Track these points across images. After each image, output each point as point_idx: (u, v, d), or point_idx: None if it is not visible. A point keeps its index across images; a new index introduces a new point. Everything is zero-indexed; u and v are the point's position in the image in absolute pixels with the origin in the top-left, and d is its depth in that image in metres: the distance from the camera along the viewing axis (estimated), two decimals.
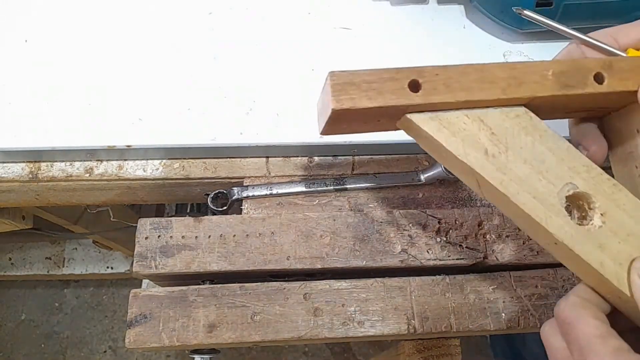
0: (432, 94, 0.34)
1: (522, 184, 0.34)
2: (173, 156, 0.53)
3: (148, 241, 0.48)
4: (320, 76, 0.53)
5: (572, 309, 0.34)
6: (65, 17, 0.56)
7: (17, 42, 0.54)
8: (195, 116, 0.52)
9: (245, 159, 0.53)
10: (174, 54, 0.54)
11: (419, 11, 0.57)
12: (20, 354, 1.48)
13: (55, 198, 0.56)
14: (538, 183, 0.34)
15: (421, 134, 0.35)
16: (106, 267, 1.36)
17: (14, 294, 1.54)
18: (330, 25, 0.56)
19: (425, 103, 0.34)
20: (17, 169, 0.53)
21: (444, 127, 0.35)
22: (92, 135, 0.51)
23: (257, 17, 0.57)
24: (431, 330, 0.46)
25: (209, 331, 0.46)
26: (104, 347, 1.49)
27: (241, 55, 0.55)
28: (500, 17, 0.54)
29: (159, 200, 0.59)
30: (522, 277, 0.48)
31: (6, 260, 1.36)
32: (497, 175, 0.34)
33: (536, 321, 0.47)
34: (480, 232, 0.49)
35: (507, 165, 0.34)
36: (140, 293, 0.47)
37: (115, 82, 0.53)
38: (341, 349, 1.48)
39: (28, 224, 0.79)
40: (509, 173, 0.34)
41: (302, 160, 0.53)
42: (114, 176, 0.52)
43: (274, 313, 0.46)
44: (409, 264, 0.48)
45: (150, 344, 0.45)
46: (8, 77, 0.53)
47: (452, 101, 0.34)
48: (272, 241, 0.48)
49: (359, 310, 0.47)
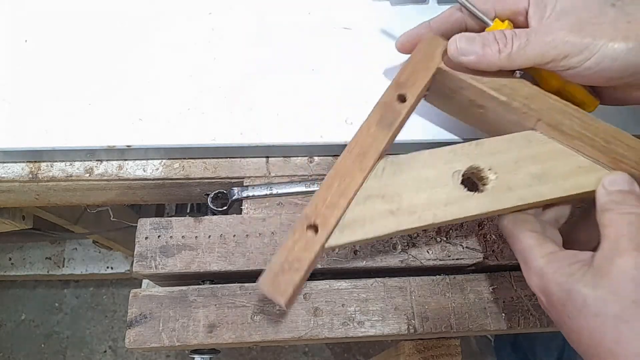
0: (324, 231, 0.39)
1: (428, 203, 0.41)
2: (173, 156, 0.53)
3: (148, 241, 0.48)
4: (320, 76, 0.53)
5: (514, 225, 0.41)
6: (65, 17, 0.56)
7: (17, 42, 0.55)
8: (195, 116, 0.52)
9: (245, 159, 0.53)
10: (174, 54, 0.54)
11: (419, 11, 0.57)
12: (20, 354, 1.48)
13: (55, 198, 0.56)
14: (436, 195, 0.41)
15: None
16: (106, 267, 1.36)
17: (14, 294, 1.54)
18: (330, 25, 0.56)
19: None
20: (17, 169, 0.53)
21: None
22: (92, 135, 0.51)
23: (257, 17, 0.57)
24: (431, 330, 0.46)
25: (209, 331, 0.46)
26: (104, 347, 1.49)
27: (241, 55, 0.55)
28: None
29: (159, 200, 0.59)
30: (522, 277, 0.48)
31: (6, 260, 1.36)
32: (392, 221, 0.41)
33: (536, 321, 0.47)
34: (480, 232, 0.49)
35: (409, 204, 0.41)
36: (140, 293, 0.47)
37: (115, 82, 0.53)
38: (341, 349, 1.48)
39: (28, 224, 0.79)
40: (405, 202, 0.41)
41: (302, 160, 0.53)
42: (114, 176, 0.52)
43: (274, 313, 0.46)
44: (409, 264, 0.48)
45: (150, 344, 0.45)
46: (8, 77, 0.53)
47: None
48: (272, 241, 0.48)
49: (359, 310, 0.47)
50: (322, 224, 0.39)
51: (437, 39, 0.45)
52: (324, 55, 0.54)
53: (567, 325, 0.37)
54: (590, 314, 0.35)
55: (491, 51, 0.40)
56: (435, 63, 0.44)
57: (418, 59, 0.44)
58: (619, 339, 0.33)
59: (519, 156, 0.42)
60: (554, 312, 0.38)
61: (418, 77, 0.43)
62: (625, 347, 0.33)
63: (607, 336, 0.34)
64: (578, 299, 0.35)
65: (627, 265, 0.35)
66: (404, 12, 0.57)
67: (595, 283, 0.35)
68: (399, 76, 0.44)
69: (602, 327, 0.34)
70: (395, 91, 0.43)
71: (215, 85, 0.53)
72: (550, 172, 0.41)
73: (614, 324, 0.34)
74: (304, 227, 0.39)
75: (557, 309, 0.38)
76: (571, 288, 0.36)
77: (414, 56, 0.44)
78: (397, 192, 0.41)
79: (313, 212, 0.39)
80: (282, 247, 0.38)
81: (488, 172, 0.42)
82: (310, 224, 0.39)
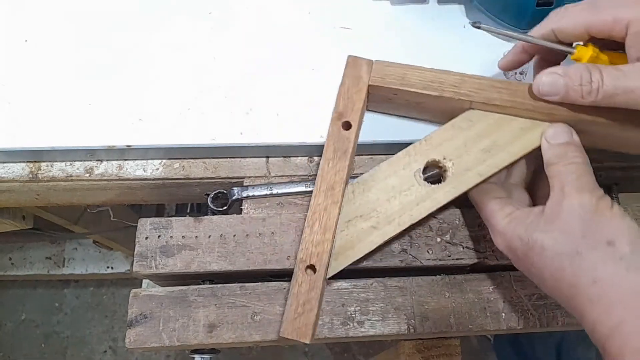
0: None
1: (402, 208, 0.45)
2: (173, 156, 0.53)
3: (148, 241, 0.48)
4: (320, 76, 0.53)
5: (478, 195, 0.45)
6: (65, 17, 0.56)
7: (17, 42, 0.55)
8: (195, 116, 0.52)
9: (245, 159, 0.53)
10: (174, 53, 0.54)
11: (419, 11, 0.57)
12: (20, 354, 1.48)
13: (55, 198, 0.56)
14: (406, 198, 0.45)
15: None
16: (106, 267, 1.36)
17: (14, 294, 1.54)
18: (330, 25, 0.56)
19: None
20: (17, 169, 0.53)
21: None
22: (92, 135, 0.51)
23: (257, 17, 0.57)
24: (431, 330, 0.46)
25: (209, 331, 0.46)
26: (104, 347, 1.49)
27: (241, 55, 0.55)
28: (501, 17, 0.54)
29: (159, 200, 0.59)
30: (522, 277, 0.48)
31: (6, 260, 1.36)
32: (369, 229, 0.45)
33: (536, 321, 0.47)
34: (481, 232, 0.49)
35: (385, 214, 0.45)
36: (140, 293, 0.47)
37: (115, 82, 0.53)
38: (341, 349, 1.48)
39: (28, 224, 0.80)
40: (382, 214, 0.45)
41: (302, 160, 0.53)
42: (114, 176, 0.52)
43: (274, 313, 0.46)
44: (409, 264, 0.48)
45: (150, 344, 0.45)
46: (8, 77, 0.53)
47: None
48: (272, 241, 0.48)
49: (359, 310, 0.47)
50: (317, 262, 0.43)
51: (357, 59, 0.48)
52: (324, 55, 0.54)
53: (533, 273, 0.41)
54: (548, 256, 0.39)
55: (574, 95, 0.41)
56: (364, 83, 0.47)
57: (348, 85, 0.47)
58: (576, 271, 0.37)
59: (465, 138, 0.46)
60: (521, 265, 0.42)
61: (354, 102, 0.47)
62: (582, 278, 0.37)
63: (566, 271, 0.38)
64: (536, 246, 0.39)
65: (573, 205, 0.39)
66: (404, 12, 0.57)
67: (548, 228, 0.39)
68: (336, 107, 0.47)
69: (561, 265, 0.38)
70: (339, 121, 0.47)
71: (215, 85, 0.53)
72: (497, 143, 0.45)
73: (570, 260, 0.38)
74: (303, 270, 0.43)
75: (523, 261, 0.41)
76: (529, 237, 0.40)
77: (344, 84, 0.48)
78: (372, 207, 0.45)
79: (306, 255, 0.43)
80: (290, 296, 0.42)
81: (444, 161, 0.45)
82: (307, 265, 0.43)
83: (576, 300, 0.37)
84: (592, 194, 0.39)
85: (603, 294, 0.36)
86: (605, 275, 0.36)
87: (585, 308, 0.37)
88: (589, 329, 0.37)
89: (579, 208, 0.38)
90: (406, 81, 0.46)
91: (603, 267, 0.36)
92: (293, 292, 0.42)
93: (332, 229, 0.44)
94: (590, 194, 0.39)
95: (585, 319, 0.37)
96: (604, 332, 0.35)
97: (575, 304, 0.37)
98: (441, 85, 0.46)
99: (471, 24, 0.46)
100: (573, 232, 0.38)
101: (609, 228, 0.38)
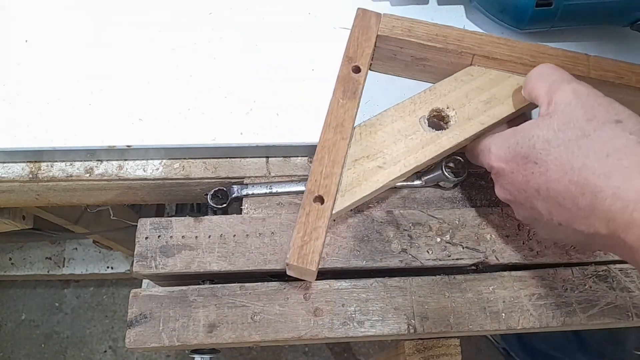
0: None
1: (407, 150, 0.47)
2: (173, 156, 0.53)
3: (148, 241, 0.48)
4: (320, 76, 0.53)
5: (473, 142, 0.48)
6: (65, 17, 0.56)
7: (17, 42, 0.55)
8: (195, 116, 0.52)
9: (245, 159, 0.53)
10: (174, 54, 0.54)
11: (419, 11, 0.57)
12: (20, 354, 1.48)
13: (55, 198, 0.56)
14: (411, 141, 0.47)
15: None
16: (106, 267, 1.36)
17: (14, 294, 1.54)
18: (330, 25, 0.56)
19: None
20: (17, 169, 0.53)
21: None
22: (92, 135, 0.51)
23: (257, 17, 0.57)
24: (431, 330, 0.46)
25: (209, 331, 0.46)
26: (104, 347, 1.49)
27: (241, 55, 0.55)
28: (500, 17, 0.54)
29: (159, 200, 0.59)
30: (522, 277, 0.48)
31: (6, 260, 1.36)
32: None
33: (536, 321, 0.47)
34: (480, 232, 0.49)
35: (392, 156, 0.47)
36: (140, 293, 0.47)
37: (115, 82, 0.53)
38: (341, 349, 1.48)
39: (28, 224, 0.79)
40: (388, 155, 0.47)
41: (302, 160, 0.53)
42: (114, 176, 0.52)
43: (274, 313, 0.46)
44: (409, 264, 0.48)
45: (150, 344, 0.45)
46: (8, 77, 0.53)
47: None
48: (272, 241, 0.48)
49: (359, 310, 0.47)
50: (326, 193, 0.44)
51: (366, 11, 0.50)
52: (324, 55, 0.54)
53: (535, 176, 0.39)
54: (554, 147, 0.38)
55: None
56: (373, 32, 0.49)
57: (357, 34, 0.50)
58: (586, 152, 0.36)
59: (467, 90, 0.49)
60: (520, 175, 0.41)
61: (364, 48, 0.49)
62: (593, 156, 0.36)
63: (575, 156, 0.37)
64: (539, 142, 0.39)
65: (567, 95, 0.39)
66: (404, 12, 0.57)
67: (549, 123, 0.39)
68: (347, 52, 0.49)
69: (567, 151, 0.37)
70: (349, 65, 0.49)
71: (215, 85, 0.53)
72: (497, 96, 0.48)
73: (577, 144, 0.37)
74: (311, 201, 0.44)
75: (524, 169, 0.40)
76: (530, 136, 0.40)
77: (354, 32, 0.50)
78: (379, 149, 0.47)
79: (315, 185, 0.44)
80: (297, 224, 0.43)
81: (447, 110, 0.48)
82: (315, 196, 0.44)
83: (588, 183, 0.36)
84: (579, 82, 0.40)
85: (619, 164, 0.35)
86: (619, 147, 0.36)
87: (600, 185, 0.35)
88: (605, 207, 0.35)
89: (574, 97, 0.39)
90: (412, 33, 0.49)
91: (615, 141, 0.36)
92: (300, 221, 0.43)
93: (340, 163, 0.45)
94: (577, 82, 0.40)
95: (599, 197, 0.35)
96: (630, 197, 0.34)
97: (588, 189, 0.36)
98: (445, 39, 0.49)
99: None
100: (576, 118, 0.38)
101: (613, 108, 0.38)
